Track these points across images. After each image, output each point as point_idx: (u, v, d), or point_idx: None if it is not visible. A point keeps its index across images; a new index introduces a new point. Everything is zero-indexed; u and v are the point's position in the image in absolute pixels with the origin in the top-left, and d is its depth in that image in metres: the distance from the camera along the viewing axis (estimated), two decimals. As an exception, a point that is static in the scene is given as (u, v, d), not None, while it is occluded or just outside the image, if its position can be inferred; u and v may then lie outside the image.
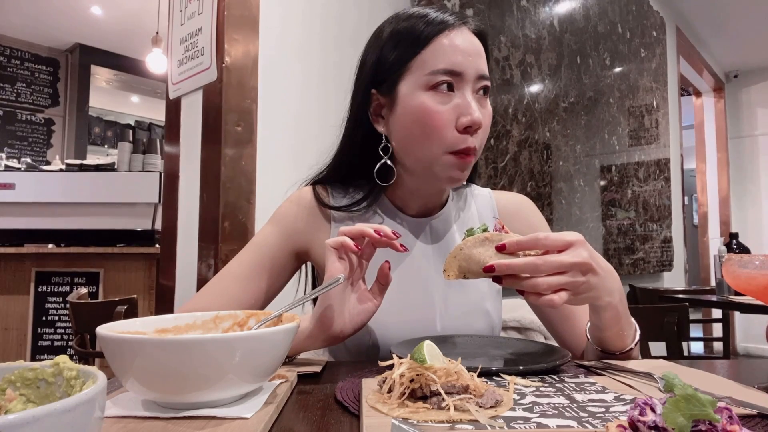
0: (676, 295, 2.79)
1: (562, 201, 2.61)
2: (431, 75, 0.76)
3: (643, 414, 0.34)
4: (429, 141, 0.77)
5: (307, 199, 0.88)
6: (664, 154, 3.77)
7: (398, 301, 0.81)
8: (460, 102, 0.76)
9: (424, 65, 0.77)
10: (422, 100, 0.77)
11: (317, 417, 0.48)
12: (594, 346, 0.75)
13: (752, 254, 0.68)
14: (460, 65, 0.76)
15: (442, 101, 0.76)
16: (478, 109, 0.77)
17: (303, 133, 1.66)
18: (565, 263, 0.61)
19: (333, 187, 0.90)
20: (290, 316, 0.59)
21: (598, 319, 0.70)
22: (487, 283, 0.89)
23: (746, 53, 5.06)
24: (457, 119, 0.76)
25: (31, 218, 3.05)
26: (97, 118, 6.25)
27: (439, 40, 0.77)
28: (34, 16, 5.09)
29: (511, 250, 0.63)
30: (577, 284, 0.62)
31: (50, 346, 2.92)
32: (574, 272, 0.62)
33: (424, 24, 0.78)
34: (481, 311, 0.87)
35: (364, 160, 0.85)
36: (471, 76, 0.77)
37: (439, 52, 0.77)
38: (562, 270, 0.61)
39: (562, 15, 2.67)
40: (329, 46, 1.77)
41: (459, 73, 0.76)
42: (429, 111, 0.76)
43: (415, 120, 0.78)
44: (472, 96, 0.78)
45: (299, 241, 0.87)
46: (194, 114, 1.59)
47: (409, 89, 0.78)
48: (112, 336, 0.45)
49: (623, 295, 0.72)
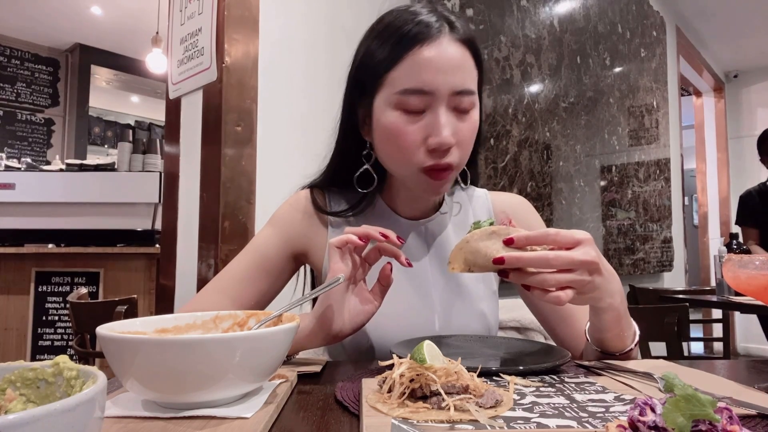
0: (676, 295, 2.79)
1: (562, 201, 2.61)
2: (400, 94, 0.74)
3: (643, 414, 0.34)
4: (400, 159, 0.76)
5: (305, 203, 0.89)
6: (664, 154, 3.77)
7: (394, 303, 0.81)
8: (430, 121, 0.74)
9: (394, 83, 0.74)
10: (391, 120, 0.75)
11: (317, 417, 0.48)
12: (593, 347, 0.75)
13: (752, 254, 0.68)
14: (431, 84, 0.73)
15: (411, 120, 0.74)
16: (453, 125, 0.74)
17: (303, 133, 1.66)
18: (575, 260, 0.61)
19: (329, 191, 0.91)
20: (290, 316, 0.59)
21: (599, 321, 0.70)
22: (483, 284, 0.89)
23: (746, 53, 5.06)
24: (426, 139, 0.74)
25: (31, 218, 3.04)
26: (97, 118, 6.25)
27: (411, 56, 0.73)
28: (34, 16, 5.09)
29: (520, 245, 0.62)
30: (583, 283, 0.62)
31: (50, 346, 2.92)
32: (582, 271, 0.61)
33: (400, 34, 0.74)
34: (476, 313, 0.87)
35: (357, 165, 0.85)
36: (444, 94, 0.73)
37: (410, 69, 0.73)
38: (572, 267, 0.61)
39: (562, 15, 2.67)
40: (329, 46, 1.77)
41: (429, 92, 0.73)
42: (398, 131, 0.74)
43: (386, 137, 0.77)
44: (447, 112, 0.74)
45: (297, 243, 0.87)
46: (194, 114, 1.59)
47: (381, 105, 0.77)
48: (112, 336, 0.45)
49: (624, 297, 0.72)
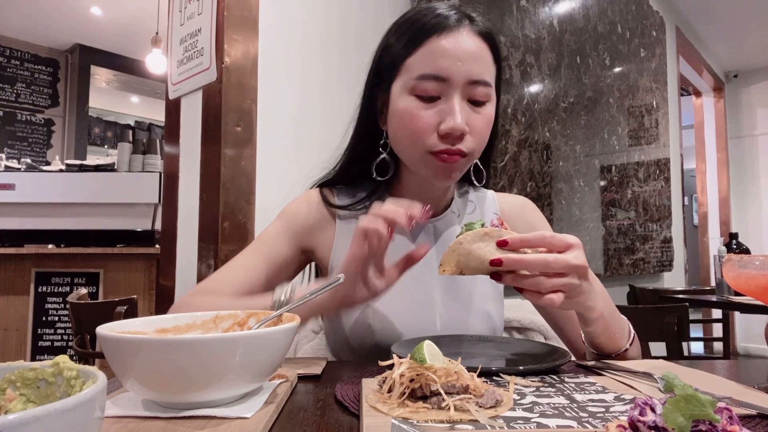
0: (676, 295, 2.79)
1: (561, 201, 2.61)
2: (416, 80, 0.75)
3: (643, 414, 0.34)
4: (411, 143, 0.77)
5: (316, 200, 0.89)
6: (664, 154, 3.77)
7: (402, 301, 0.81)
8: (444, 107, 0.75)
9: (412, 69, 0.76)
10: (406, 104, 0.76)
11: (317, 417, 0.48)
12: (590, 349, 0.76)
13: (752, 254, 0.68)
14: (446, 70, 0.74)
15: (425, 106, 0.75)
16: (467, 113, 0.75)
17: (303, 134, 1.66)
18: (570, 264, 0.61)
19: (338, 190, 0.91)
20: (290, 316, 0.59)
21: (587, 326, 0.71)
22: (490, 284, 0.89)
23: (746, 53, 5.06)
24: (439, 124, 0.75)
25: (31, 218, 3.04)
26: (97, 119, 6.25)
27: (430, 43, 0.75)
28: (34, 17, 5.09)
29: (514, 247, 0.62)
30: (573, 286, 0.62)
31: (50, 346, 2.92)
32: (573, 275, 0.62)
33: (419, 25, 0.77)
34: (482, 313, 0.87)
35: (371, 158, 0.86)
36: (459, 82, 0.75)
37: (428, 56, 0.75)
38: (566, 271, 0.62)
39: (562, 15, 2.67)
40: (329, 46, 1.77)
41: (444, 78, 0.74)
42: (411, 115, 0.76)
43: (399, 121, 0.78)
44: (461, 101, 0.75)
45: (306, 239, 0.88)
46: (194, 114, 1.59)
47: (398, 91, 0.78)
48: (112, 336, 0.45)
49: (608, 301, 0.73)
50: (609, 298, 0.76)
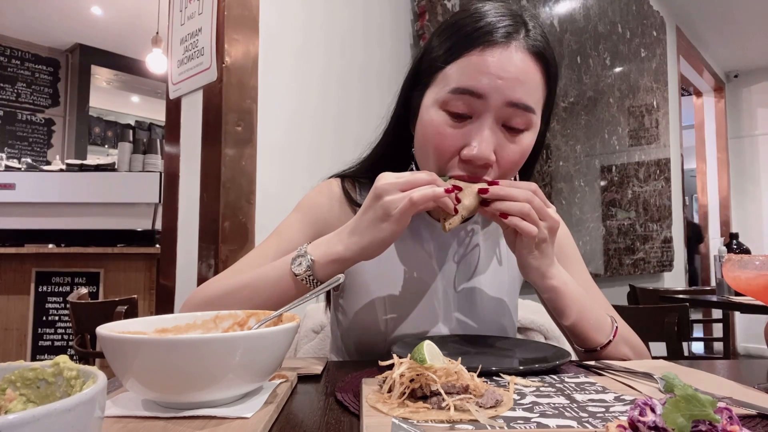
0: (677, 295, 2.79)
1: (562, 201, 2.61)
2: (450, 93, 0.68)
3: (643, 414, 0.34)
4: (431, 160, 0.72)
5: (336, 192, 0.86)
6: (664, 154, 3.77)
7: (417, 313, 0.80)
8: (473, 129, 0.68)
9: (447, 79, 0.69)
10: (434, 118, 0.70)
11: (317, 417, 0.48)
12: (576, 346, 0.77)
13: (752, 254, 0.68)
14: (483, 87, 0.66)
15: (454, 124, 0.69)
16: (498, 141, 0.68)
17: (303, 133, 1.66)
18: (549, 213, 0.69)
19: (359, 181, 0.88)
20: (290, 316, 0.59)
21: (546, 296, 0.74)
22: (506, 298, 0.87)
23: (746, 53, 5.06)
24: (463, 147, 0.69)
25: (31, 218, 3.05)
26: (97, 118, 6.26)
27: (472, 55, 0.68)
28: (34, 16, 5.09)
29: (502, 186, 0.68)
30: (542, 236, 0.68)
31: (50, 346, 2.92)
32: (546, 224, 0.68)
33: (465, 32, 0.69)
34: (497, 326, 0.85)
35: (397, 158, 0.83)
36: (496, 102, 0.67)
37: (467, 68, 0.68)
38: (543, 218, 0.68)
39: (562, 15, 2.67)
40: (329, 46, 1.77)
41: (480, 95, 0.67)
42: (437, 131, 0.70)
43: (423, 135, 0.73)
44: (494, 125, 0.68)
45: (323, 231, 0.84)
46: (194, 114, 1.59)
47: (430, 101, 0.72)
48: (112, 336, 0.45)
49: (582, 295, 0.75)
50: (583, 293, 0.76)
